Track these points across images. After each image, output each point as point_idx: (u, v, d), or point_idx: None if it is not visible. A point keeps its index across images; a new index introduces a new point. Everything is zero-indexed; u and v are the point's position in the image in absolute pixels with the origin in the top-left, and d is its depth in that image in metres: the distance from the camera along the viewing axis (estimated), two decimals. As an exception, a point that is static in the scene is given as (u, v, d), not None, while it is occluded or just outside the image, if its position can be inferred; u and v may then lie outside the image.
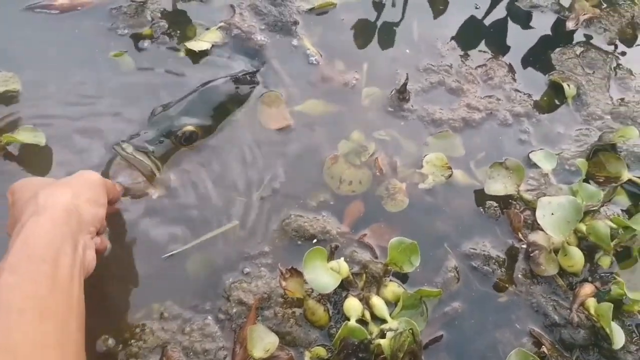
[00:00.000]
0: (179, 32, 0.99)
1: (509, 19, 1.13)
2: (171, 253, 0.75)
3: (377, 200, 0.85)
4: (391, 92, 0.96)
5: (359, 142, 0.90)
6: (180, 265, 0.75)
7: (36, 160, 0.82)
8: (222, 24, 1.00)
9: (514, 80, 1.03)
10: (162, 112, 0.84)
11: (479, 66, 1.04)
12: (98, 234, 0.65)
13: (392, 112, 0.95)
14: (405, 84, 0.94)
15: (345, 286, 0.73)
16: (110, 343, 0.69)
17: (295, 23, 1.03)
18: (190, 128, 0.83)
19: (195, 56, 0.96)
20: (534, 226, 0.82)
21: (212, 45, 0.97)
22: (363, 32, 1.06)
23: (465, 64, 1.03)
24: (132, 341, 0.69)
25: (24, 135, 0.81)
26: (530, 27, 1.13)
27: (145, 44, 0.97)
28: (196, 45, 0.96)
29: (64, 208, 0.58)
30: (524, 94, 1.01)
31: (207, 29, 1.00)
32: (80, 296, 0.56)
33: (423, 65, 1.02)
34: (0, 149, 0.81)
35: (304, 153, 0.88)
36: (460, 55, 1.05)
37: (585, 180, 0.86)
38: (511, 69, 1.04)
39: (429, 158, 0.88)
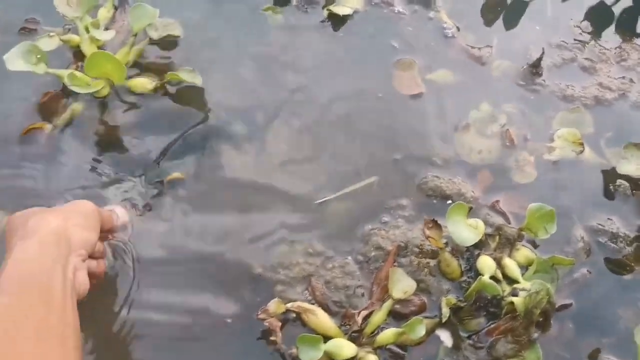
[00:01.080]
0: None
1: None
2: (323, 199, 0.81)
3: (506, 170, 0.87)
4: (523, 66, 0.98)
5: (490, 113, 0.93)
6: (325, 211, 0.81)
7: (194, 98, 0.89)
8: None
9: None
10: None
11: (614, 48, 1.03)
12: (94, 257, 0.65)
13: (523, 85, 0.97)
14: (540, 59, 0.96)
15: (478, 245, 0.77)
16: (261, 271, 0.76)
17: None
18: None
19: (337, 20, 1.00)
20: (666, 210, 0.83)
21: (354, 12, 1.01)
22: (495, 7, 1.07)
23: (598, 44, 1.03)
24: (280, 269, 0.76)
25: (184, 75, 0.88)
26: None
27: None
28: (339, 9, 1.00)
29: (53, 231, 0.58)
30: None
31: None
32: (75, 316, 0.55)
33: (556, 42, 1.02)
34: (161, 87, 0.89)
35: (434, 120, 0.92)
36: (593, 35, 1.04)
37: None
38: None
39: (561, 132, 0.90)
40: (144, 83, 0.88)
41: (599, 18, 1.07)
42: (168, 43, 0.94)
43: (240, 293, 0.75)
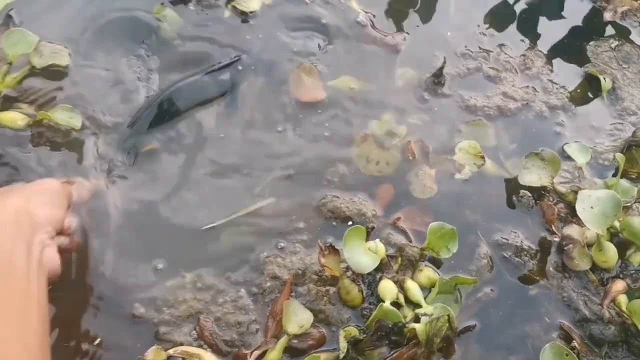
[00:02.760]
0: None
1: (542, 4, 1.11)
2: (210, 225, 0.75)
3: (405, 184, 0.84)
4: (427, 75, 0.94)
5: (390, 124, 0.89)
6: (215, 237, 0.75)
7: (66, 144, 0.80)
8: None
9: (551, 71, 1.01)
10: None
11: (518, 55, 1.01)
12: (64, 234, 0.65)
13: (426, 95, 0.93)
14: (442, 68, 0.93)
15: (379, 268, 0.73)
16: (143, 311, 0.68)
17: None
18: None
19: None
20: (567, 219, 0.82)
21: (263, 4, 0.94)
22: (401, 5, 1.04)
23: (503, 52, 1.01)
24: (165, 309, 0.69)
25: (60, 116, 0.78)
26: (562, 17, 1.10)
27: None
28: (245, 5, 0.93)
29: (14, 211, 0.58)
30: (560, 85, 0.99)
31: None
32: (42, 293, 0.56)
33: (461, 51, 1.00)
34: (34, 124, 0.79)
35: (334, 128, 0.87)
36: (497, 40, 1.03)
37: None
38: (547, 58, 1.02)
39: (461, 145, 0.87)
40: (15, 118, 0.78)
41: (499, 20, 1.06)
42: (54, 72, 0.84)
43: (119, 338, 0.67)
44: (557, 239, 0.80)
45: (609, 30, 1.09)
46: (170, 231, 0.75)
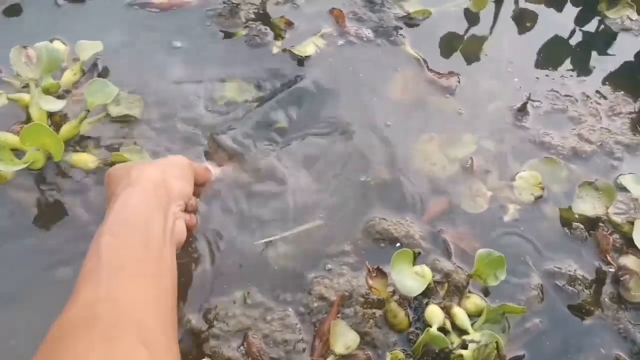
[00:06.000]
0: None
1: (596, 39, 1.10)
2: (264, 240, 0.77)
3: (457, 196, 0.85)
4: (513, 107, 0.96)
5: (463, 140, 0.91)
6: (264, 255, 0.77)
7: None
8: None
9: (605, 101, 1.00)
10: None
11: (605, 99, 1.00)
12: (188, 210, 0.70)
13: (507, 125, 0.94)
14: (525, 103, 0.94)
15: (425, 293, 0.73)
16: (194, 323, 0.71)
17: (397, 28, 1.04)
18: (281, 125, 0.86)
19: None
20: (623, 250, 0.80)
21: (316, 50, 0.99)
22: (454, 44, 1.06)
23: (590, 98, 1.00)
24: (215, 323, 0.71)
25: (131, 157, 0.82)
26: (608, 54, 1.09)
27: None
28: (302, 50, 0.98)
29: (153, 181, 0.64)
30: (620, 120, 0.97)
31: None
32: (173, 260, 0.61)
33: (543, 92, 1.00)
34: (104, 166, 0.82)
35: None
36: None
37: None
38: (602, 93, 1.01)
39: (523, 174, 0.87)
40: (87, 160, 0.82)
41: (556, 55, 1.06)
42: (127, 119, 0.89)
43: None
44: (612, 270, 0.78)
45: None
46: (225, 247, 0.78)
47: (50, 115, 0.84)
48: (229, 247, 0.77)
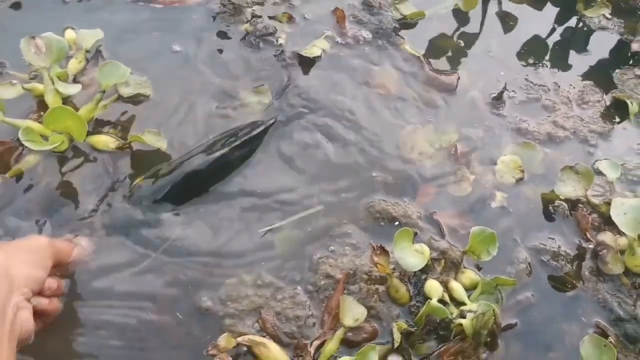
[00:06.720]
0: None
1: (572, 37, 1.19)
2: (266, 229, 0.82)
3: (442, 182, 0.91)
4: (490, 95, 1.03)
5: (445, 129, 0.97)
6: (270, 241, 0.82)
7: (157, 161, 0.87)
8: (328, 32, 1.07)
9: (583, 95, 1.07)
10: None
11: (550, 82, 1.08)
12: (46, 295, 0.65)
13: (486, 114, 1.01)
14: (502, 92, 1.01)
15: (424, 270, 0.78)
16: (210, 304, 0.75)
17: (395, 30, 1.10)
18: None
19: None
20: (601, 228, 0.87)
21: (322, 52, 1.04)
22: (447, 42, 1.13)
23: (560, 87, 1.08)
24: (229, 303, 0.75)
25: (149, 138, 0.85)
26: (587, 51, 1.17)
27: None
28: (309, 51, 1.02)
29: None
30: (590, 109, 1.05)
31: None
32: (10, 356, 0.54)
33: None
34: (124, 147, 0.86)
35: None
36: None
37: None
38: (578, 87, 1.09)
39: (504, 158, 0.94)
40: (107, 141, 0.86)
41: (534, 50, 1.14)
42: (138, 100, 0.93)
43: (189, 328, 0.73)
44: (591, 246, 0.85)
45: (632, 61, 1.16)
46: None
47: (64, 102, 0.87)
48: (236, 236, 0.82)
